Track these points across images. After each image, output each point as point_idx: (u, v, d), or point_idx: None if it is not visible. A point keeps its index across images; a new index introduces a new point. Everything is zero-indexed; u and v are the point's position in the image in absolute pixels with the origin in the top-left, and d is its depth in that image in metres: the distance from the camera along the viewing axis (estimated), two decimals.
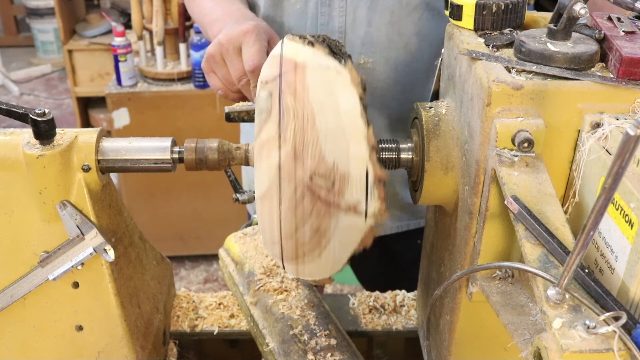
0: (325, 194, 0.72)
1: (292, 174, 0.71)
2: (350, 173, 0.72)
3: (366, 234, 0.75)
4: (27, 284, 0.90)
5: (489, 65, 0.73)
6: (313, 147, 0.71)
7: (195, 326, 1.17)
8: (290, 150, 0.71)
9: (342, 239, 0.75)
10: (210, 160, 0.86)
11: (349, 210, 0.73)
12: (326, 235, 0.74)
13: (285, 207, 0.73)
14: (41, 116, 0.82)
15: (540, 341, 0.54)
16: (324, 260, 0.77)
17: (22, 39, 5.42)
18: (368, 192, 0.73)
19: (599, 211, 0.49)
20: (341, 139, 0.71)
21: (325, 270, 0.79)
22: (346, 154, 0.71)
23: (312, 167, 0.71)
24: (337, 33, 1.19)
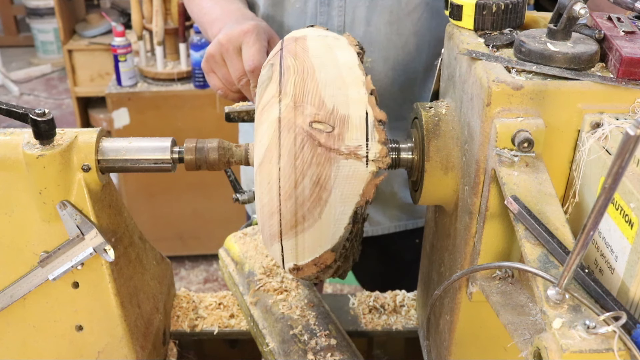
0: (325, 139, 0.72)
1: (291, 122, 0.72)
2: (350, 115, 0.73)
3: (367, 183, 0.73)
4: (27, 284, 0.90)
5: (489, 65, 0.73)
6: (313, 95, 0.73)
7: (195, 326, 1.17)
8: (290, 101, 0.73)
9: (343, 191, 0.73)
10: (210, 160, 0.86)
11: (349, 156, 0.72)
12: (327, 186, 0.72)
13: (285, 162, 0.72)
14: (41, 116, 0.82)
15: (540, 341, 0.54)
16: (324, 222, 0.74)
17: (22, 39, 5.42)
18: (368, 133, 0.73)
19: (599, 211, 0.49)
20: (340, 85, 0.74)
21: (326, 237, 0.75)
22: (345, 98, 0.73)
23: (312, 113, 0.72)
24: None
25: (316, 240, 0.76)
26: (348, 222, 0.75)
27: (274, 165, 0.73)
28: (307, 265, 0.78)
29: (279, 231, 0.76)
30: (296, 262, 0.78)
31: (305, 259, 0.78)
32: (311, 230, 0.75)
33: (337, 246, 0.76)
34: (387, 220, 1.38)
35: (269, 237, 0.79)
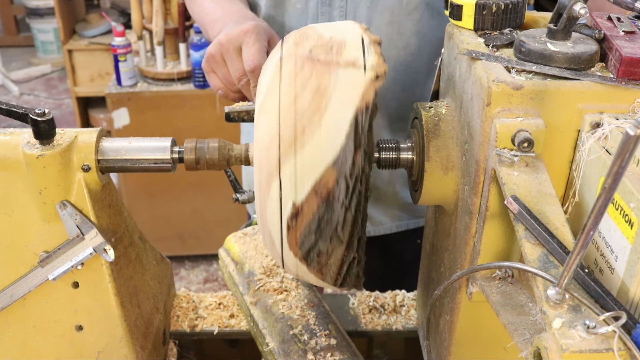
0: (324, 56, 0.75)
1: (291, 53, 0.77)
2: (347, 40, 0.77)
3: (367, 86, 0.72)
4: (27, 284, 0.90)
5: (488, 65, 0.73)
6: (312, 34, 0.79)
7: (195, 326, 1.17)
8: (292, 44, 0.78)
9: (342, 95, 0.72)
10: (210, 160, 0.86)
11: (347, 66, 0.73)
12: (326, 92, 0.72)
13: (285, 84, 0.74)
14: (41, 116, 0.82)
15: (540, 341, 0.54)
16: (324, 131, 0.71)
17: (22, 39, 5.42)
18: (365, 49, 0.76)
19: (599, 211, 0.49)
20: (337, 26, 0.82)
21: (327, 148, 0.71)
22: (343, 31, 0.79)
23: (311, 44, 0.77)
24: None
25: (316, 154, 0.72)
26: (349, 129, 0.71)
27: (275, 92, 0.74)
28: (307, 200, 0.72)
29: (277, 160, 0.73)
30: (295, 200, 0.73)
31: (305, 187, 0.72)
32: (311, 143, 0.71)
33: (337, 159, 0.71)
34: (388, 220, 1.38)
35: (266, 178, 0.74)
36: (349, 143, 0.71)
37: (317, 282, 0.83)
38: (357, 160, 0.72)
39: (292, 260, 0.79)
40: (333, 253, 0.77)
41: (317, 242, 0.75)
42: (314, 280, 0.83)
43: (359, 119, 0.71)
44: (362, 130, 0.72)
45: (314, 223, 0.73)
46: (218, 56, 1.01)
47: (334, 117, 0.71)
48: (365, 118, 0.72)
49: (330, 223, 0.74)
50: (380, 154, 0.86)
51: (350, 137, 0.71)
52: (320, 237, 0.75)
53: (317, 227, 0.74)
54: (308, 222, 0.73)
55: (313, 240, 0.75)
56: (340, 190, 0.72)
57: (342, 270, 0.80)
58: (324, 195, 0.72)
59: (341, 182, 0.72)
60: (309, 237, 0.75)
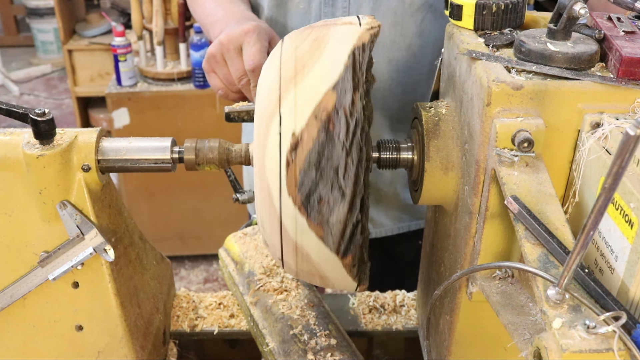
0: (322, 24, 0.81)
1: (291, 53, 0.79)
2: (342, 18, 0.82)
3: (362, 32, 0.76)
4: (27, 284, 0.90)
5: (489, 65, 0.73)
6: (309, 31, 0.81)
7: (195, 326, 1.17)
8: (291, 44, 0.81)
9: (340, 38, 0.76)
10: (210, 160, 0.86)
11: (344, 24, 0.79)
12: (324, 39, 0.77)
13: (286, 42, 0.80)
14: (41, 116, 0.82)
15: (540, 341, 0.54)
16: (323, 62, 0.74)
17: (22, 39, 5.42)
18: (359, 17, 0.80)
19: (599, 211, 0.49)
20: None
21: (326, 74, 0.73)
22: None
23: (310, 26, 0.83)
24: None
25: (316, 81, 0.73)
26: (347, 60, 0.73)
27: (277, 52, 0.80)
28: (306, 126, 0.72)
29: (277, 98, 0.74)
30: (295, 129, 0.72)
31: (305, 114, 0.72)
32: (310, 74, 0.74)
33: (337, 84, 0.72)
34: (389, 222, 1.38)
35: (267, 121, 0.75)
36: (347, 74, 0.73)
37: (319, 247, 0.77)
38: (356, 100, 0.72)
39: (291, 211, 0.74)
40: (335, 207, 0.74)
41: (317, 183, 0.73)
42: (314, 245, 0.76)
43: (356, 54, 0.73)
44: (360, 68, 0.73)
45: (314, 153, 0.72)
46: (219, 56, 1.01)
47: (333, 51, 0.75)
48: (363, 57, 0.74)
49: (330, 160, 0.73)
50: (380, 154, 0.86)
51: (348, 69, 0.73)
52: (321, 177, 0.73)
53: (317, 161, 0.72)
54: (308, 152, 0.72)
55: (313, 177, 0.73)
56: (340, 125, 0.72)
57: (345, 234, 0.75)
58: (323, 119, 0.72)
59: (341, 114, 0.72)
60: (309, 172, 0.72)
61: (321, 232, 0.75)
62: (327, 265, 0.79)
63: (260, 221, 0.82)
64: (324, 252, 0.77)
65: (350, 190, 0.74)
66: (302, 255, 0.78)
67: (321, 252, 0.77)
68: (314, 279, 0.84)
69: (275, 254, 0.82)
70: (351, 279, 0.81)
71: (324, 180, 0.73)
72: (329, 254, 0.77)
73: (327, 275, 0.81)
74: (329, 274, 0.81)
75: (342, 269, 0.79)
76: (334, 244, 0.76)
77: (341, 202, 0.74)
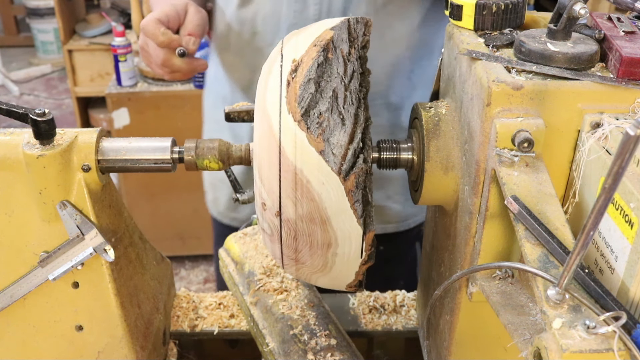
0: None
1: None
2: None
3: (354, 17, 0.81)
4: (27, 284, 0.90)
5: (489, 65, 0.73)
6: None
7: (195, 326, 1.17)
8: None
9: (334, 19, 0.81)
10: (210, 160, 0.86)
11: None
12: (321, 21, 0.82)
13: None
14: (41, 116, 0.82)
15: (540, 341, 0.54)
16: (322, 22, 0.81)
17: (22, 39, 5.42)
18: None
19: (599, 211, 0.49)
20: None
21: (326, 24, 0.79)
22: None
23: None
24: (312, 21, 1.20)
25: (316, 27, 0.79)
26: (344, 19, 0.80)
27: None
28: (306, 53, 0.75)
29: (279, 48, 0.80)
30: (295, 56, 0.76)
31: (306, 44, 0.77)
32: (312, 27, 0.80)
33: (334, 28, 0.77)
34: (386, 221, 1.38)
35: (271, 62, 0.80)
36: (343, 28, 0.78)
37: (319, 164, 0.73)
38: (352, 53, 0.77)
39: (290, 128, 0.73)
40: (335, 130, 0.73)
41: (317, 100, 0.73)
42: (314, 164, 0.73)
43: (351, 20, 0.79)
44: (355, 31, 0.79)
45: (313, 71, 0.74)
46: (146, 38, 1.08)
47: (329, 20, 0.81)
48: (357, 26, 0.79)
49: (329, 83, 0.74)
50: (381, 154, 0.86)
51: (344, 24, 0.78)
52: (321, 96, 0.73)
53: (316, 80, 0.73)
54: (307, 69, 0.74)
55: (313, 91, 0.73)
56: (338, 60, 0.76)
57: (347, 156, 0.73)
58: (322, 45, 0.75)
59: (338, 53, 0.76)
60: (308, 87, 0.73)
61: (321, 145, 0.72)
62: (328, 195, 0.74)
63: (258, 166, 0.78)
64: (325, 171, 0.73)
65: (350, 122, 0.74)
66: (301, 186, 0.74)
67: (321, 172, 0.73)
68: (315, 230, 0.76)
69: (274, 204, 0.76)
70: (355, 220, 0.74)
71: (323, 100, 0.73)
72: (330, 174, 0.73)
73: (329, 216, 0.74)
74: (330, 211, 0.74)
75: (344, 199, 0.73)
76: (335, 163, 0.73)
77: (341, 127, 0.73)
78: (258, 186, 0.79)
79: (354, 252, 0.78)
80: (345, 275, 0.82)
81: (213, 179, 1.51)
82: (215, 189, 1.52)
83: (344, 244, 0.77)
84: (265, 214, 0.79)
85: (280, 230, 0.78)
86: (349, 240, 0.76)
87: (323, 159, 0.72)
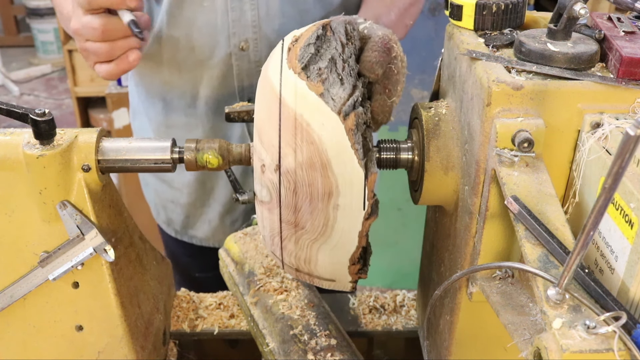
0: None
1: None
2: None
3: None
4: (27, 284, 0.90)
5: (489, 65, 0.73)
6: None
7: (195, 326, 1.17)
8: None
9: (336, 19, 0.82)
10: (210, 160, 0.86)
11: None
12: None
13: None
14: (41, 116, 0.82)
15: (540, 341, 0.54)
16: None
17: (22, 39, 5.42)
18: None
19: (599, 211, 0.49)
20: None
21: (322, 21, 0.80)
22: None
23: None
24: (250, 27, 1.19)
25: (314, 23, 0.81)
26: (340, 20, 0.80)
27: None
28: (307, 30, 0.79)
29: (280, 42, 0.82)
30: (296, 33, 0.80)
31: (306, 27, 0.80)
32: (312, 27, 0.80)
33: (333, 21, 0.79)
34: None
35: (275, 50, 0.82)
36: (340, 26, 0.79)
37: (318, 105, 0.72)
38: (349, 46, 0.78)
39: (291, 80, 0.73)
40: (334, 86, 0.73)
41: (316, 60, 0.75)
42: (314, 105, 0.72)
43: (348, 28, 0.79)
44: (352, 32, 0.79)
45: (313, 37, 0.77)
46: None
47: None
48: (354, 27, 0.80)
49: (329, 49, 0.76)
50: (381, 154, 0.86)
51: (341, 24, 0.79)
52: (320, 58, 0.75)
53: (316, 45, 0.76)
54: (307, 37, 0.77)
55: (312, 52, 0.75)
56: (336, 40, 0.77)
57: (347, 102, 0.73)
58: (322, 24, 0.78)
59: (337, 35, 0.77)
60: (308, 48, 0.76)
61: (321, 88, 0.73)
62: (328, 136, 0.72)
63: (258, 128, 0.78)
64: (324, 112, 0.72)
65: (349, 84, 0.75)
66: (301, 130, 0.72)
67: (321, 113, 0.72)
68: (315, 177, 0.74)
69: (273, 158, 0.75)
70: (357, 160, 0.72)
71: (323, 61, 0.75)
72: (329, 114, 0.72)
73: (330, 159, 0.73)
74: (331, 153, 0.72)
75: (345, 138, 0.72)
76: (334, 106, 0.72)
77: (340, 86, 0.74)
78: (257, 149, 0.78)
79: (355, 201, 0.75)
80: (348, 240, 0.78)
81: (162, 200, 1.48)
82: (167, 210, 1.49)
83: (346, 192, 0.74)
84: (264, 176, 0.77)
85: (279, 188, 0.76)
86: (350, 185, 0.73)
87: (322, 101, 0.72)
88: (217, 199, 1.41)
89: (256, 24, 1.19)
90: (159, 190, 1.48)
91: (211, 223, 1.45)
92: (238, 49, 1.21)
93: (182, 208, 1.45)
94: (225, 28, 1.19)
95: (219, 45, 1.21)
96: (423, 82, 3.58)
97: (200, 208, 1.43)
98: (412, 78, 3.56)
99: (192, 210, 1.44)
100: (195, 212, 1.45)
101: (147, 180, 1.52)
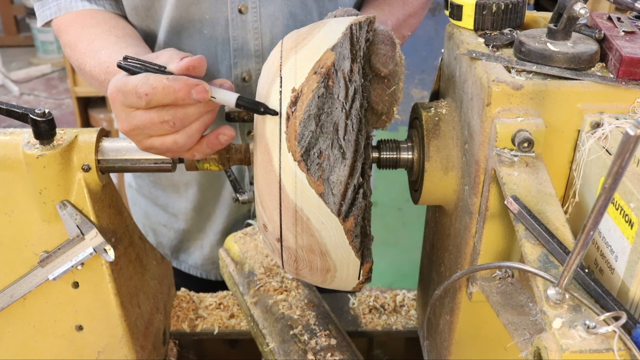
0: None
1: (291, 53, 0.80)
2: None
3: (358, 17, 0.78)
4: (27, 284, 0.90)
5: (489, 65, 0.73)
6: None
7: (195, 326, 1.17)
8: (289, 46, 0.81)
9: (337, 20, 0.79)
10: (210, 160, 0.86)
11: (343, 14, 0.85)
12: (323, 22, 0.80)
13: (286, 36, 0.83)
14: (41, 116, 0.82)
15: (540, 341, 0.54)
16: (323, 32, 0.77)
17: (22, 39, 5.42)
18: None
19: (599, 211, 0.49)
20: None
21: (326, 39, 0.75)
22: None
23: None
24: (254, 57, 1.10)
25: (315, 44, 0.75)
26: (345, 30, 0.75)
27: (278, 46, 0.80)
28: (306, 81, 0.72)
29: (278, 65, 0.76)
30: (295, 84, 0.73)
31: (305, 71, 0.73)
32: (310, 42, 0.75)
33: (336, 45, 0.74)
34: None
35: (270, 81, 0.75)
36: (345, 42, 0.74)
37: (319, 206, 0.73)
38: (354, 70, 0.74)
39: (291, 167, 0.72)
40: (335, 166, 0.73)
41: (317, 137, 0.73)
42: (314, 205, 0.73)
43: (353, 28, 0.75)
44: (358, 42, 0.75)
45: (314, 105, 0.72)
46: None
47: (331, 25, 0.77)
48: (360, 34, 0.75)
49: (330, 116, 0.73)
50: (381, 154, 0.86)
51: (346, 37, 0.74)
52: (321, 132, 0.72)
53: (317, 114, 0.72)
54: (307, 103, 0.72)
55: (313, 129, 0.72)
56: (339, 85, 0.73)
57: (346, 195, 0.73)
58: (323, 73, 0.72)
59: (340, 76, 0.73)
60: (308, 124, 0.72)
61: (322, 188, 0.73)
62: (327, 233, 0.75)
63: (259, 192, 0.78)
64: (324, 213, 0.74)
65: (350, 153, 0.73)
66: (302, 222, 0.75)
67: (321, 213, 0.74)
68: (315, 259, 0.78)
69: (275, 231, 0.78)
70: (354, 254, 0.76)
71: (323, 135, 0.73)
72: (329, 215, 0.74)
73: (328, 250, 0.76)
74: (329, 246, 0.76)
75: (343, 237, 0.75)
76: (334, 204, 0.73)
77: (342, 162, 0.73)
78: (259, 209, 0.80)
79: (352, 276, 0.82)
80: (344, 288, 0.87)
81: (153, 223, 1.38)
82: (157, 234, 1.39)
83: (342, 270, 0.80)
84: (267, 235, 0.82)
85: (281, 252, 0.81)
86: (347, 268, 0.80)
87: (323, 201, 0.74)
88: (213, 227, 1.33)
89: (259, 54, 1.10)
90: (150, 212, 1.37)
91: (204, 249, 1.37)
92: (240, 80, 1.13)
93: (176, 233, 1.36)
94: (227, 57, 1.10)
95: (220, 76, 1.11)
96: (423, 82, 3.57)
97: (196, 233, 1.35)
98: (412, 78, 3.56)
99: (186, 235, 1.36)
100: (189, 237, 1.36)
101: (135, 200, 1.39)
